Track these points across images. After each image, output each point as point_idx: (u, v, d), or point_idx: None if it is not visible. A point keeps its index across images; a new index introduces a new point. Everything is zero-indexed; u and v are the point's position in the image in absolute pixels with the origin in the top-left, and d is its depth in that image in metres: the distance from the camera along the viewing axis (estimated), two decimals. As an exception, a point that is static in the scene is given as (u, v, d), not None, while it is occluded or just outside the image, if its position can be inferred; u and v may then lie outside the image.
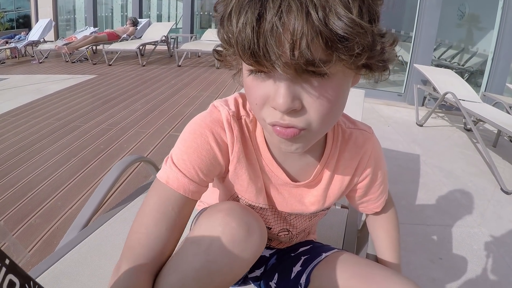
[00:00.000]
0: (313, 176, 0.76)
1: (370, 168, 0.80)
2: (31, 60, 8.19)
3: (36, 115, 4.00)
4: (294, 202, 0.79)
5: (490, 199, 2.60)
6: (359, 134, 0.78)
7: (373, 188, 0.85)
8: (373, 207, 0.89)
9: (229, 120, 0.69)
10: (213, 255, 0.58)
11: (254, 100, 0.57)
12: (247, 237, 0.59)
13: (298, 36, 0.45)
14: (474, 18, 5.92)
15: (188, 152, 0.67)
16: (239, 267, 0.60)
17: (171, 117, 3.88)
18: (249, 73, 0.55)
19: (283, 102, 0.52)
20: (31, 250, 1.81)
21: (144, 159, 1.42)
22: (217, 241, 0.58)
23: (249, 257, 0.60)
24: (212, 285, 0.59)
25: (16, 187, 2.40)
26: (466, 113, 3.50)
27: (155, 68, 6.98)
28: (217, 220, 0.60)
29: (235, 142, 0.69)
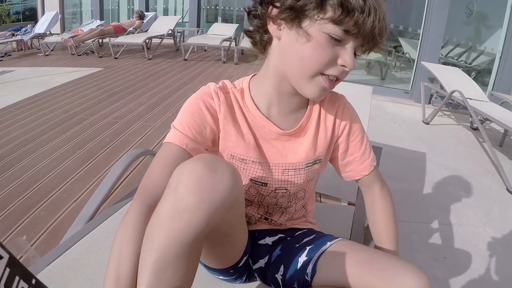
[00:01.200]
0: (299, 126, 0.89)
1: (346, 120, 0.93)
2: (37, 52, 8.20)
3: (41, 107, 4.01)
4: (287, 153, 0.89)
5: (496, 199, 2.58)
6: (331, 95, 0.94)
7: (354, 145, 0.95)
8: (360, 168, 0.96)
9: (216, 90, 0.86)
10: (180, 194, 0.60)
11: (326, 57, 0.74)
12: (213, 176, 0.61)
13: (385, 27, 0.74)
14: (482, 17, 5.88)
15: (183, 116, 0.83)
16: (207, 207, 0.60)
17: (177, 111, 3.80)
18: (328, 38, 0.73)
19: (351, 64, 0.75)
20: (36, 241, 1.81)
21: (150, 153, 1.42)
22: (183, 181, 0.61)
23: (217, 197, 0.61)
24: (181, 223, 0.60)
25: (21, 179, 2.41)
26: (473, 112, 3.47)
27: (161, 62, 6.98)
28: (186, 164, 0.64)
29: (221, 105, 0.84)
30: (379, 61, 6.62)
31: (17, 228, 1.92)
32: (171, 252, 0.60)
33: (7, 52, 8.02)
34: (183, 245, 0.60)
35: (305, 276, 0.83)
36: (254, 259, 0.95)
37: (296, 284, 0.85)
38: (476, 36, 6.10)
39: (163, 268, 0.61)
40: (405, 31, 6.31)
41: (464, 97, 3.60)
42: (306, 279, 0.83)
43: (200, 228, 0.61)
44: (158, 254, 0.60)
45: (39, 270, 0.88)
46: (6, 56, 7.78)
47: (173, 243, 0.60)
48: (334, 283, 0.78)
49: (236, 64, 6.93)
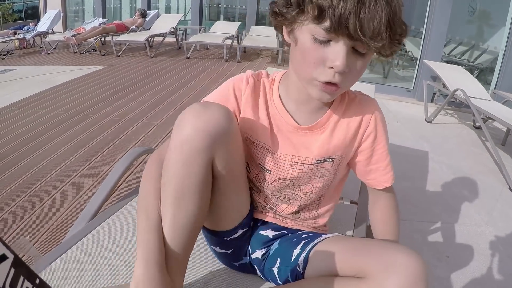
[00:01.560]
0: (316, 124, 0.89)
1: (373, 127, 0.91)
2: (40, 51, 8.20)
3: (44, 105, 4.02)
4: (300, 147, 0.90)
5: (498, 198, 2.58)
6: (363, 97, 0.94)
7: (380, 154, 0.94)
8: (383, 179, 0.95)
9: (247, 77, 0.92)
10: (181, 127, 0.74)
11: (311, 61, 0.74)
12: (206, 110, 0.74)
13: (383, 25, 0.67)
14: (485, 15, 5.87)
15: (213, 93, 0.95)
16: (204, 134, 0.72)
17: (179, 109, 3.88)
18: (313, 39, 0.71)
19: (342, 65, 0.70)
20: (38, 240, 1.82)
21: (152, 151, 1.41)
22: (184, 117, 0.74)
23: (211, 125, 0.73)
24: (185, 151, 0.73)
25: (24, 177, 2.42)
26: (475, 111, 3.47)
27: (163, 60, 6.98)
28: (186, 108, 0.76)
29: (247, 89, 0.90)
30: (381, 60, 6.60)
31: (20, 226, 1.92)
32: (183, 180, 0.75)
33: (9, 50, 8.03)
34: (192, 173, 0.74)
35: (297, 267, 0.84)
36: (252, 247, 0.98)
37: (289, 277, 0.86)
38: (478, 34, 6.08)
39: (180, 195, 0.75)
40: (408, 30, 6.29)
41: (467, 96, 3.59)
42: (298, 270, 0.84)
43: (203, 155, 0.74)
44: (174, 183, 0.75)
45: (41, 269, 0.88)
46: (8, 54, 7.79)
47: (183, 171, 0.74)
48: (326, 272, 0.78)
49: (238, 62, 6.92)
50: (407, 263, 0.66)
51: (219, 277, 0.96)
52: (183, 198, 0.75)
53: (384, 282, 0.66)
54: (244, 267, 0.98)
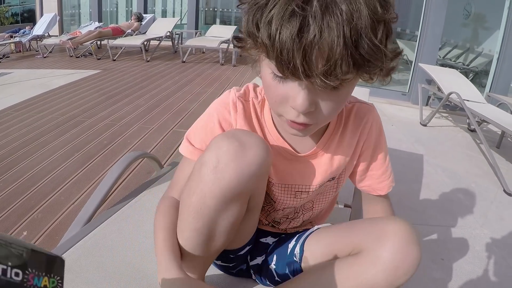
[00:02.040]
0: (316, 148, 0.83)
1: (372, 137, 0.87)
2: (36, 54, 8.20)
3: (40, 109, 4.01)
4: (302, 175, 0.85)
5: (493, 201, 2.59)
6: (360, 106, 0.87)
7: (376, 162, 0.90)
8: (377, 187, 0.92)
9: (234, 101, 0.82)
10: (220, 173, 0.66)
11: (273, 98, 0.66)
12: (243, 151, 0.66)
13: (337, 56, 0.52)
14: (480, 18, 5.89)
15: (198, 128, 0.86)
16: (247, 178, 0.67)
17: (175, 113, 3.88)
18: (272, 75, 0.63)
19: (302, 105, 0.60)
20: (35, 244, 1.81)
21: (148, 155, 1.42)
22: (222, 159, 0.66)
23: (252, 168, 0.67)
24: (227, 198, 0.68)
25: (20, 181, 2.41)
26: (470, 114, 3.48)
27: (159, 64, 6.98)
28: (220, 143, 0.67)
29: (238, 119, 0.81)
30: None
31: (16, 230, 1.92)
32: (219, 221, 0.71)
33: (5, 54, 8.03)
34: (230, 215, 0.71)
35: (294, 258, 0.85)
36: (252, 255, 0.96)
37: (288, 270, 0.86)
38: (473, 37, 6.11)
39: (211, 237, 0.72)
40: (402, 33, 6.32)
41: (462, 99, 3.60)
42: (295, 261, 0.85)
43: (244, 198, 0.72)
44: (207, 227, 0.70)
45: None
46: (4, 58, 7.79)
47: (220, 216, 0.70)
48: (322, 257, 0.79)
49: (234, 66, 6.94)
50: (396, 230, 0.68)
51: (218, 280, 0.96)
52: (213, 239, 0.74)
53: (378, 252, 0.67)
54: (240, 272, 0.98)
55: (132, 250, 1.00)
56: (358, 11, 0.51)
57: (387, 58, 0.57)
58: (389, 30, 0.57)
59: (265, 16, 0.54)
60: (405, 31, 6.29)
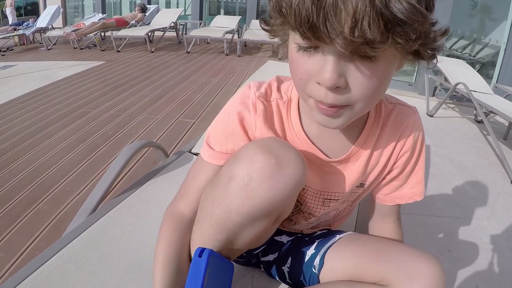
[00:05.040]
0: (350, 153, 0.75)
1: (409, 145, 0.78)
2: (40, 47, 8.19)
3: (44, 101, 4.01)
4: (332, 182, 0.79)
5: (500, 192, 2.57)
6: (401, 109, 0.78)
7: (406, 172, 0.81)
8: (396, 195, 0.84)
9: (254, 102, 0.73)
10: (251, 192, 0.60)
11: (298, 75, 0.58)
12: (279, 171, 0.60)
13: (360, 15, 0.45)
14: (487, 9, 5.84)
15: (217, 131, 0.76)
16: (280, 200, 0.62)
17: (180, 103, 3.87)
18: (297, 48, 0.56)
19: (329, 78, 0.52)
20: (39, 235, 1.81)
21: (153, 144, 1.41)
22: (255, 177, 0.60)
23: (287, 190, 0.62)
24: (255, 217, 0.63)
25: (25, 172, 2.41)
26: (477, 105, 3.45)
27: (163, 55, 6.97)
28: (254, 158, 0.61)
29: (257, 121, 0.72)
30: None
31: (21, 222, 1.92)
32: (246, 235, 0.67)
33: (9, 46, 8.02)
34: (257, 229, 0.67)
35: (312, 269, 0.81)
36: (264, 252, 0.93)
37: (303, 277, 0.83)
38: (480, 28, 6.05)
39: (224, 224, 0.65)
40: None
41: (469, 90, 3.57)
42: (313, 271, 0.81)
43: (275, 214, 0.68)
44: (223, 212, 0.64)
45: (41, 264, 0.87)
46: (8, 50, 7.78)
47: (248, 231, 0.66)
48: (342, 274, 0.75)
49: (239, 56, 6.91)
50: (429, 271, 0.65)
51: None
52: (233, 247, 0.70)
53: None
54: (249, 264, 0.96)
55: (136, 240, 0.99)
56: None
57: (427, 23, 0.50)
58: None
59: None
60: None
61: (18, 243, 1.76)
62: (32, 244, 1.75)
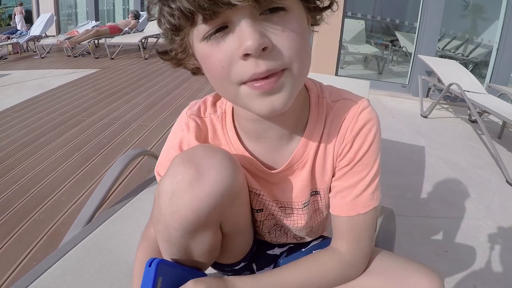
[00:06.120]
0: (291, 161, 0.70)
1: (351, 139, 0.67)
2: (33, 55, 8.19)
3: (39, 110, 4.01)
4: (282, 191, 0.75)
5: (496, 191, 2.58)
6: (344, 103, 0.69)
7: (350, 174, 0.69)
8: (338, 203, 0.71)
9: (186, 122, 0.71)
10: (176, 206, 0.58)
11: (219, 64, 0.53)
12: (198, 180, 0.57)
13: None
14: (479, 8, 5.88)
15: (162, 158, 0.75)
16: (207, 209, 0.58)
17: (174, 110, 3.87)
18: (206, 40, 0.53)
19: (253, 40, 0.48)
20: (36, 245, 1.81)
21: (148, 153, 1.41)
22: (176, 190, 0.58)
23: (212, 199, 0.58)
24: (189, 230, 0.60)
25: (20, 182, 2.41)
26: (471, 105, 3.47)
27: (157, 61, 6.96)
28: (175, 170, 0.59)
29: (190, 139, 0.70)
30: (376, 56, 6.61)
31: (18, 232, 1.91)
32: (189, 250, 0.64)
33: (3, 55, 8.02)
34: (199, 244, 0.64)
35: None
36: (259, 267, 0.91)
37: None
38: (472, 28, 6.09)
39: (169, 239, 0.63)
40: (401, 25, 6.30)
41: (462, 90, 3.59)
42: None
43: (210, 227, 0.64)
44: (163, 228, 0.61)
45: (39, 275, 0.87)
46: (2, 59, 7.79)
47: (187, 244, 0.63)
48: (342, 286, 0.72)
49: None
50: (429, 286, 0.65)
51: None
52: (194, 259, 0.67)
53: None
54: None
55: (133, 250, 0.98)
56: None
57: None
58: None
59: None
60: (403, 23, 6.26)
61: (15, 253, 1.76)
62: (29, 255, 1.74)
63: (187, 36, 0.57)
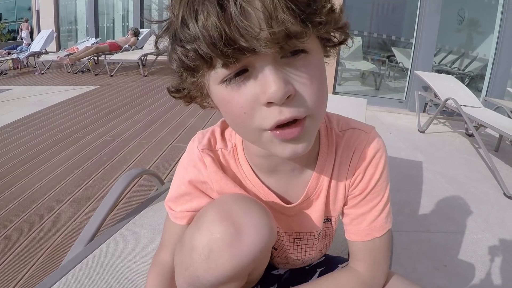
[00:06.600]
0: (307, 193, 0.71)
1: (362, 168, 0.70)
2: (33, 71, 8.23)
3: (38, 126, 4.02)
4: (298, 224, 0.76)
5: (494, 204, 2.59)
6: (352, 133, 0.71)
7: (363, 201, 0.72)
8: (351, 230, 0.73)
9: (200, 157, 0.70)
10: (213, 263, 0.58)
11: (240, 110, 0.52)
12: (239, 240, 0.58)
13: (271, 8, 0.43)
14: (474, 23, 5.95)
15: (173, 194, 0.74)
16: (245, 265, 0.59)
17: (174, 127, 3.89)
18: (225, 84, 0.51)
19: (277, 88, 0.47)
20: (36, 263, 1.81)
21: (149, 172, 1.43)
22: (215, 248, 0.58)
23: (251, 256, 0.59)
24: (222, 282, 0.60)
25: (20, 199, 2.41)
26: (467, 119, 3.50)
27: (157, 79, 7.00)
28: (213, 228, 0.59)
29: (211, 175, 0.70)
30: (373, 72, 6.66)
31: (17, 249, 1.91)
32: None
33: (3, 70, 8.07)
34: None
35: None
36: (262, 286, 0.90)
37: None
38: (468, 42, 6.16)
39: None
40: (398, 41, 6.36)
41: (458, 104, 3.62)
42: None
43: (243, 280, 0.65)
44: (191, 275, 0.61)
45: (40, 294, 0.88)
46: (2, 74, 7.82)
47: None
48: None
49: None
50: None
51: None
52: None
53: None
54: None
55: (135, 269, 1.00)
56: None
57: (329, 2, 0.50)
58: None
59: (178, 21, 0.48)
60: (400, 39, 6.33)
61: (15, 271, 1.76)
62: (29, 272, 1.74)
63: (202, 77, 0.55)
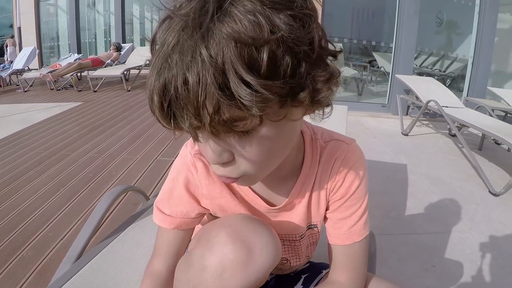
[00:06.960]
0: (290, 198, 0.74)
1: (342, 178, 0.74)
2: (16, 89, 8.16)
3: (23, 145, 3.98)
4: (281, 225, 0.78)
5: (479, 203, 2.63)
6: (334, 144, 0.75)
7: (343, 205, 0.76)
8: (333, 233, 0.78)
9: (192, 161, 0.73)
10: (226, 282, 0.60)
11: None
12: (251, 259, 0.61)
13: (202, 103, 0.43)
14: (452, 25, 6.06)
15: (164, 195, 0.77)
16: (255, 282, 0.62)
17: (158, 141, 3.88)
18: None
19: (210, 158, 0.53)
20: (25, 283, 1.79)
21: (133, 189, 1.43)
22: (227, 268, 0.60)
23: (261, 274, 0.62)
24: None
25: (6, 219, 2.38)
26: (449, 120, 3.55)
27: (140, 93, 6.98)
28: (225, 248, 0.61)
29: (201, 180, 0.73)
30: (355, 77, 6.73)
31: (6, 269, 1.89)
32: None
33: (-15, 90, 7.97)
34: None
35: None
36: None
37: None
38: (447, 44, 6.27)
39: None
40: (378, 46, 6.45)
41: (440, 106, 3.68)
42: None
43: None
44: None
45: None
46: (-16, 94, 7.72)
47: None
48: None
49: None
50: None
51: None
52: None
53: None
54: None
55: (123, 285, 1.00)
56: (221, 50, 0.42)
57: (286, 85, 0.45)
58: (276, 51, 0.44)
59: None
60: (380, 44, 6.41)
61: (3, 293, 1.74)
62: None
63: None
